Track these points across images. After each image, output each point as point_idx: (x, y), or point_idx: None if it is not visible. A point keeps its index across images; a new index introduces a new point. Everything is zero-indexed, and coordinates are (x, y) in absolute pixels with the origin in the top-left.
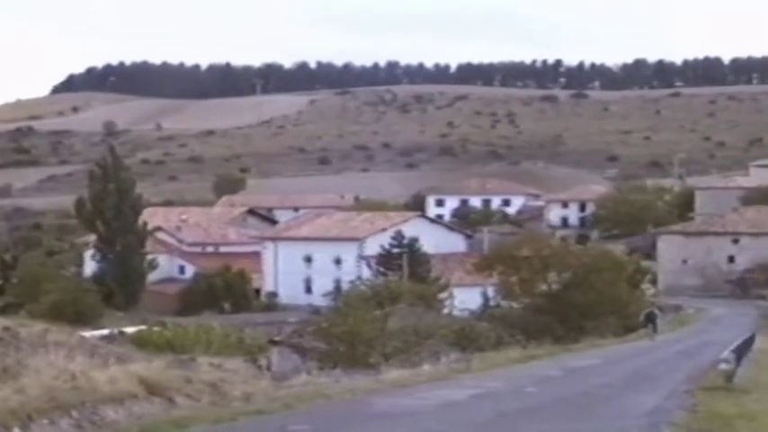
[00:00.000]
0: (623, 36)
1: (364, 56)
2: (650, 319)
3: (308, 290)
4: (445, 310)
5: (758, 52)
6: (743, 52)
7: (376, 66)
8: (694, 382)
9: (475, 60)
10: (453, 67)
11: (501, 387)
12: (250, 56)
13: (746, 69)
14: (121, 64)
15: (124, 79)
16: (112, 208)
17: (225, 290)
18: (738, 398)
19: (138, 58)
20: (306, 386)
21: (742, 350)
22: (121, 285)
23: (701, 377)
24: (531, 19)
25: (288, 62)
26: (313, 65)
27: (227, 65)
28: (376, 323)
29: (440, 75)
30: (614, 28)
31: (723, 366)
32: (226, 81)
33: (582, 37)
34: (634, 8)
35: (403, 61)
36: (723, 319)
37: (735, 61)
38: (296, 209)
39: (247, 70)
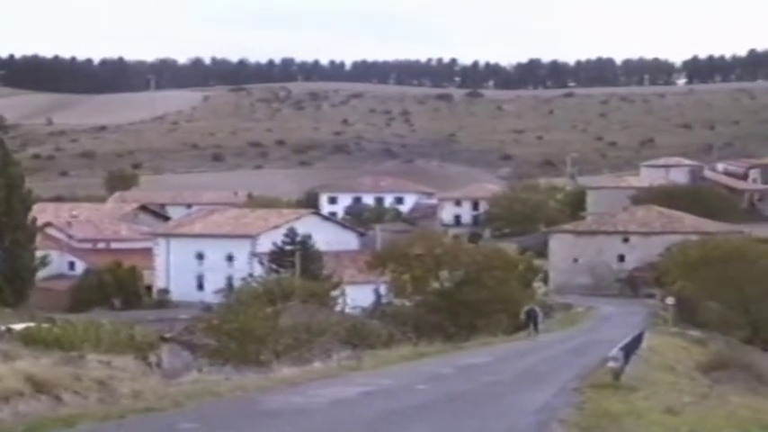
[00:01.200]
0: (517, 36)
1: (259, 52)
2: (531, 317)
3: (200, 287)
4: (337, 308)
5: (649, 54)
6: (634, 54)
7: (271, 62)
8: (583, 380)
9: (370, 58)
10: (348, 64)
11: (392, 384)
12: (143, 51)
13: (638, 71)
14: (11, 57)
15: (14, 73)
16: (1, 203)
17: (116, 286)
18: (626, 395)
19: (29, 52)
20: (196, 383)
21: (630, 348)
22: (10, 282)
23: (589, 375)
24: (426, 18)
25: (182, 58)
26: (207, 61)
27: (120, 59)
28: (267, 320)
29: (335, 72)
30: (509, 28)
31: (611, 364)
32: (119, 76)
33: (477, 36)
34: (528, 8)
35: (298, 58)
36: (613, 318)
37: (627, 62)
38: (189, 205)
39: (141, 65)
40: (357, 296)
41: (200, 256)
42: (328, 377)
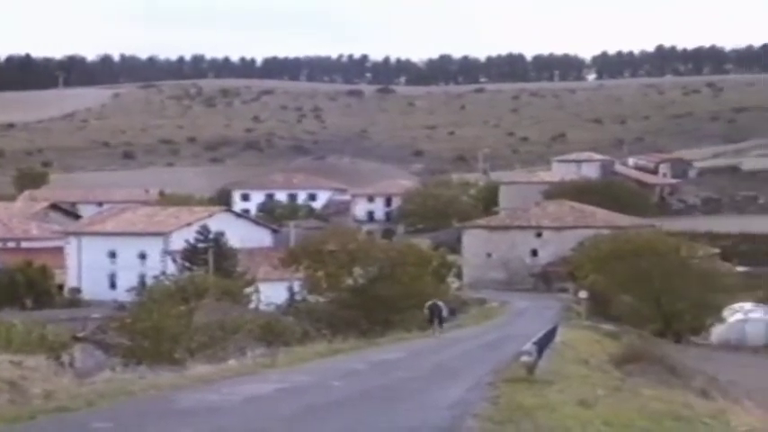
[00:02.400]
0: (429, 32)
1: (169, 49)
2: (434, 313)
3: (113, 285)
4: (251, 305)
5: (559, 50)
6: (545, 49)
7: (181, 59)
8: (497, 375)
9: (281, 55)
10: (259, 61)
11: (306, 381)
12: (51, 48)
13: (548, 66)
14: None
15: None
16: None
17: (26, 286)
18: (540, 389)
19: None
20: (109, 383)
21: (544, 342)
22: None
23: (503, 369)
24: (337, 13)
25: (91, 55)
26: (117, 58)
27: (27, 56)
28: (181, 318)
29: (246, 69)
30: (420, 24)
31: (525, 358)
32: (26, 73)
33: (388, 32)
34: (439, 4)
35: (208, 55)
36: (526, 312)
37: (537, 58)
38: (100, 204)
39: (48, 62)
40: (271, 293)
41: (112, 255)
42: (243, 375)
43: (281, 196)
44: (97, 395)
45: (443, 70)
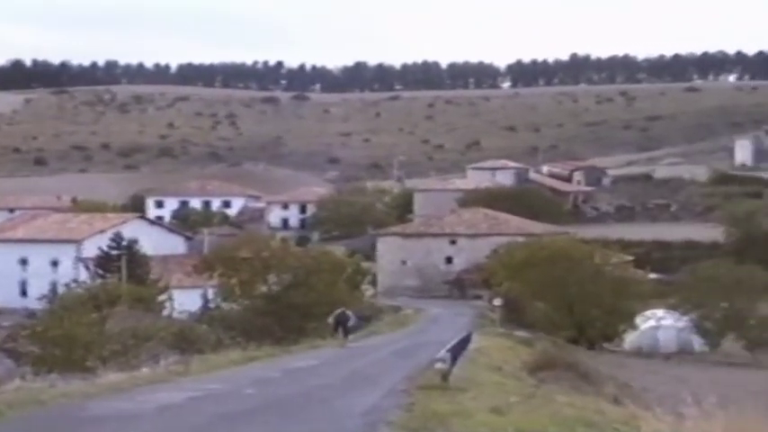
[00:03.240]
0: (344, 39)
1: (82, 55)
2: (341, 322)
3: (24, 293)
4: (164, 313)
5: (474, 58)
6: (460, 57)
7: (94, 65)
8: (411, 382)
9: (196, 61)
10: (174, 67)
11: (220, 389)
12: None
13: (463, 74)
14: None
15: None
16: None
17: None
18: (454, 396)
19: None
20: (19, 392)
21: (458, 350)
22: None
23: (417, 376)
24: (252, 20)
25: (1, 59)
26: (28, 63)
27: None
28: (93, 326)
29: (160, 75)
30: (335, 31)
31: (439, 366)
32: None
33: (303, 39)
34: (355, 12)
35: (122, 61)
36: (441, 320)
37: (452, 66)
38: (11, 210)
39: None
40: (185, 301)
41: (23, 262)
42: (156, 383)
43: (196, 203)
44: (6, 405)
45: (359, 77)
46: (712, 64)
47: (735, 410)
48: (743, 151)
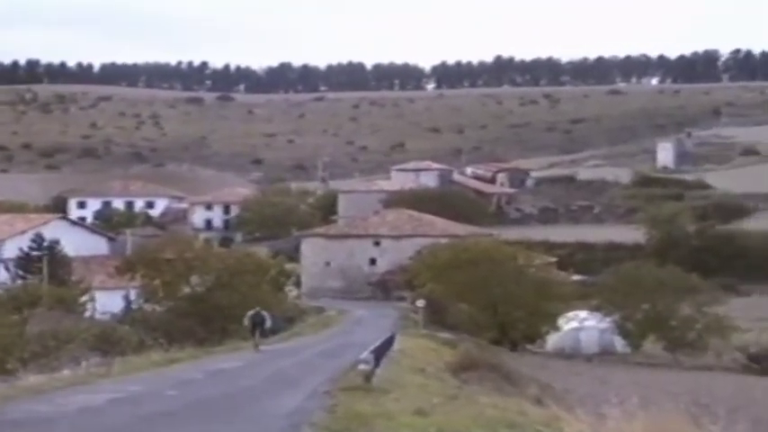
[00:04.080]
0: (268, 40)
1: (2, 53)
2: (257, 323)
3: None
4: (86, 314)
5: (399, 59)
6: (385, 59)
7: (15, 64)
8: (335, 383)
9: (119, 61)
10: (97, 67)
11: (141, 391)
12: None
13: (388, 75)
14: None
15: None
16: None
17: None
18: (377, 397)
19: None
20: None
21: (381, 351)
22: None
23: (341, 378)
24: (176, 21)
25: None
26: None
27: None
28: (13, 328)
29: (83, 74)
30: (260, 31)
31: (362, 367)
32: None
33: (228, 40)
34: (279, 12)
35: (44, 60)
36: (364, 321)
37: (377, 67)
38: None
39: None
40: (107, 302)
41: None
42: (76, 384)
43: (119, 204)
44: None
45: (283, 78)
46: (635, 67)
47: (656, 411)
48: (665, 154)
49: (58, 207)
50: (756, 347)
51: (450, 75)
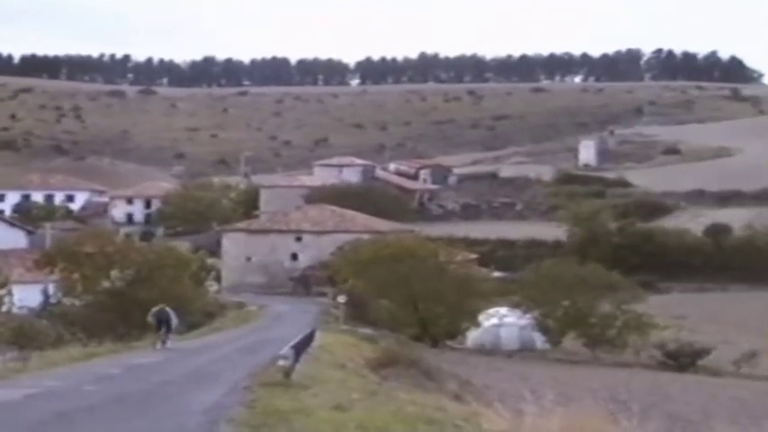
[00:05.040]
0: (192, 33)
1: None
2: (162, 320)
3: None
4: (3, 308)
5: (323, 54)
6: (309, 54)
7: None
8: (254, 379)
9: (40, 52)
10: (17, 58)
11: (59, 386)
12: None
13: (312, 71)
14: None
15: None
16: None
17: None
18: (296, 393)
19: None
20: None
21: (301, 347)
22: None
23: (260, 373)
24: (98, 11)
25: None
26: None
27: None
28: None
29: (2, 66)
30: (183, 25)
31: (282, 363)
32: None
33: (151, 33)
34: (202, 6)
35: None
36: (285, 316)
37: (301, 62)
38: None
39: None
40: (25, 296)
41: None
42: None
43: (38, 197)
44: None
45: (207, 72)
46: (559, 65)
47: (574, 407)
48: (587, 152)
49: None
50: (674, 344)
51: (374, 70)
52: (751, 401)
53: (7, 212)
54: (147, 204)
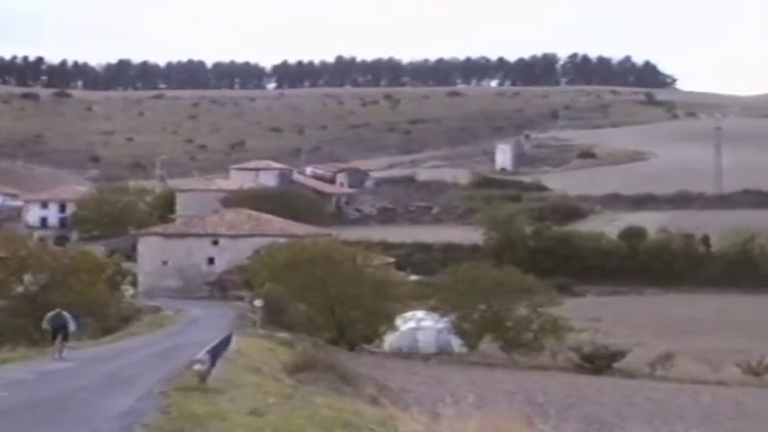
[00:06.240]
0: (107, 36)
1: None
2: (58, 327)
3: None
4: None
5: (240, 58)
6: (225, 57)
7: None
8: (170, 384)
9: None
10: None
11: None
12: None
13: (229, 74)
14: None
15: None
16: None
17: None
18: (212, 398)
19: None
20: None
21: (217, 351)
22: None
23: (176, 378)
24: (11, 13)
25: None
26: None
27: None
28: None
29: None
30: (98, 27)
31: (197, 367)
32: None
33: (65, 35)
34: (117, 8)
35: None
36: (201, 321)
37: (217, 65)
38: None
39: None
40: None
41: None
42: None
43: None
44: None
45: (122, 75)
46: (475, 69)
47: (490, 410)
48: (503, 155)
49: None
50: (590, 347)
51: (291, 74)
52: (665, 402)
53: None
54: (62, 208)
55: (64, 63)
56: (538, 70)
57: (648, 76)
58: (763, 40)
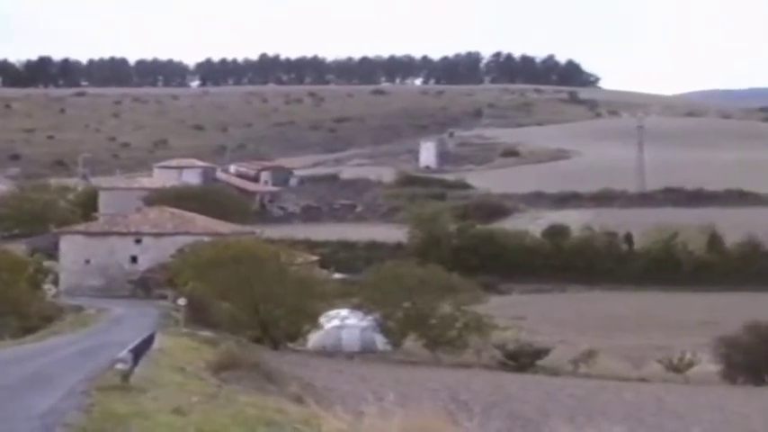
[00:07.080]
0: (27, 32)
1: None
2: None
3: None
4: None
5: (163, 55)
6: (148, 54)
7: None
8: (91, 383)
9: None
10: None
11: None
12: None
13: (152, 72)
14: None
15: None
16: None
17: None
18: (135, 397)
19: None
20: None
21: (140, 350)
22: None
23: (98, 377)
24: None
25: None
26: None
27: None
28: None
29: None
30: (17, 24)
31: (120, 366)
32: None
33: None
34: (39, 5)
35: None
36: (125, 320)
37: (140, 63)
38: None
39: None
40: None
41: None
42: None
43: None
44: None
45: (43, 72)
46: (399, 67)
47: (414, 408)
48: (427, 154)
49: None
50: (514, 345)
51: (214, 72)
52: (587, 400)
53: None
54: None
55: None
56: (462, 69)
57: (572, 75)
58: (685, 42)
